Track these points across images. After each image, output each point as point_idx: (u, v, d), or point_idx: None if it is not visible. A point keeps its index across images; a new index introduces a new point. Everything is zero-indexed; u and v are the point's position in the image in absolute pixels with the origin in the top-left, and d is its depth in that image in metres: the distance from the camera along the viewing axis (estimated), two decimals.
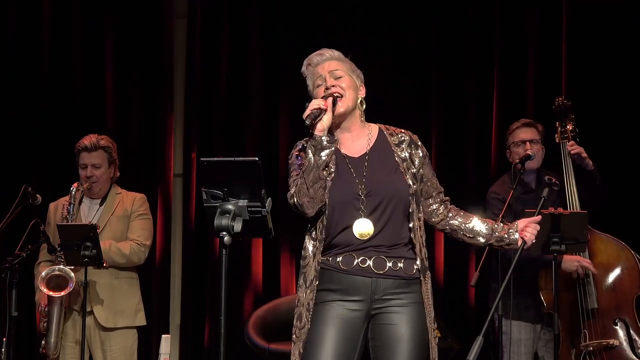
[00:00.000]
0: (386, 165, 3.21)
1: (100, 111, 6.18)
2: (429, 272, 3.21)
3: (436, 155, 5.97)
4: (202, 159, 2.73)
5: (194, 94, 6.29)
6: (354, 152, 3.23)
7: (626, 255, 4.57)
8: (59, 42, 6.20)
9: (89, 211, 4.77)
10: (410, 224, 3.17)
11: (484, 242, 3.30)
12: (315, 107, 3.09)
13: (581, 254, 4.50)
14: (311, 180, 3.07)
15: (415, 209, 3.18)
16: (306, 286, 3.16)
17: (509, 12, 6.07)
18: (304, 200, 3.09)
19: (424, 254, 3.20)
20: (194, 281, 6.19)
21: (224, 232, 2.67)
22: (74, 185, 4.66)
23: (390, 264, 3.14)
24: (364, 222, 3.12)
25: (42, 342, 4.58)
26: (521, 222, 3.32)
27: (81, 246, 4.34)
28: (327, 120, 3.11)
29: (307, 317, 3.14)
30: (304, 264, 3.20)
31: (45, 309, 4.57)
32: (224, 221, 2.67)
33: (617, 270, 4.57)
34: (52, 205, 4.83)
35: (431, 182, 3.29)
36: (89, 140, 4.74)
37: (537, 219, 3.35)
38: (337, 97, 3.17)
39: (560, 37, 5.97)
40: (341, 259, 3.15)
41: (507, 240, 3.28)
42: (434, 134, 6.08)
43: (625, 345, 4.48)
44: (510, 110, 5.82)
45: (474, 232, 3.29)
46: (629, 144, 5.75)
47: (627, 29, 5.80)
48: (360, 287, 3.13)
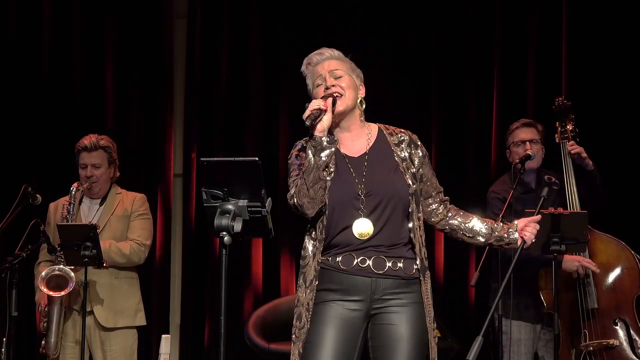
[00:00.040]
0: (386, 165, 3.21)
1: (100, 111, 6.17)
2: (428, 272, 3.21)
3: (436, 155, 5.97)
4: (202, 159, 2.72)
5: (194, 94, 6.29)
6: (354, 152, 3.23)
7: (626, 255, 4.57)
8: (59, 42, 6.20)
9: (89, 211, 4.77)
10: (409, 223, 3.17)
11: (484, 241, 3.29)
12: (315, 108, 3.09)
13: (581, 254, 4.51)
14: (311, 180, 3.07)
15: (414, 208, 3.18)
16: (306, 286, 3.16)
17: (509, 12, 6.06)
18: (304, 200, 3.09)
19: (423, 253, 3.20)
20: (194, 281, 6.19)
21: (224, 232, 2.66)
22: (74, 185, 4.66)
23: (389, 264, 3.14)
24: (364, 222, 3.12)
25: (42, 342, 4.57)
26: (521, 222, 3.31)
27: (81, 246, 4.33)
28: (327, 120, 3.11)
29: (307, 317, 3.14)
30: (303, 264, 3.19)
31: (45, 309, 4.57)
32: (224, 221, 2.67)
33: (617, 270, 4.57)
34: (52, 205, 4.84)
35: (431, 182, 3.29)
36: (88, 140, 4.74)
37: (537, 218, 3.35)
38: (336, 97, 3.17)
39: (560, 37, 5.97)
40: (341, 258, 3.15)
41: (506, 239, 3.28)
42: (434, 134, 6.08)
43: (625, 345, 4.48)
44: (510, 110, 5.82)
45: (474, 232, 3.29)
46: (629, 144, 5.75)
47: (627, 29, 5.80)
48: (359, 287, 3.13)
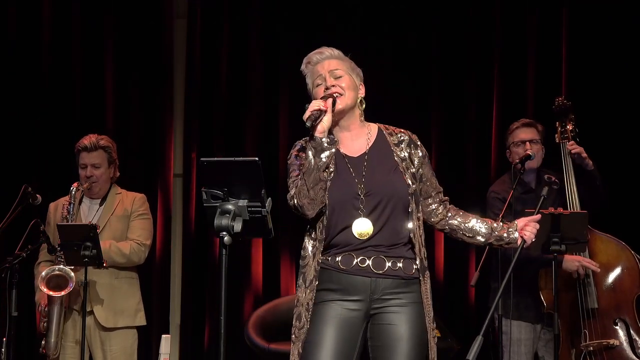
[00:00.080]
0: (385, 164, 3.21)
1: (100, 111, 6.17)
2: (428, 272, 3.21)
3: (436, 155, 5.97)
4: (202, 159, 2.72)
5: (194, 94, 6.29)
6: (353, 152, 3.23)
7: (626, 255, 4.57)
8: (59, 42, 6.20)
9: (89, 211, 4.77)
10: (409, 223, 3.16)
11: (484, 241, 3.29)
12: (315, 109, 3.08)
13: (581, 253, 4.51)
14: (312, 181, 3.07)
15: (414, 208, 3.18)
16: (305, 286, 3.16)
17: (509, 12, 6.06)
18: (305, 201, 3.09)
19: (423, 253, 3.19)
20: (194, 281, 6.19)
21: (224, 232, 2.66)
22: (74, 185, 4.66)
23: (389, 264, 3.14)
24: (363, 221, 3.12)
25: (42, 342, 4.57)
26: (520, 221, 3.31)
27: (81, 246, 4.34)
28: (327, 121, 3.10)
29: (307, 317, 3.13)
30: (303, 264, 3.19)
31: (45, 309, 4.57)
32: (224, 221, 2.67)
33: (617, 270, 4.57)
34: (52, 205, 4.84)
35: (430, 182, 3.29)
36: (88, 140, 4.74)
37: (537, 217, 3.35)
38: (336, 97, 3.17)
39: (560, 37, 5.97)
40: (340, 258, 3.15)
41: (506, 239, 3.27)
42: (434, 134, 6.08)
43: (625, 345, 4.48)
44: (510, 110, 5.82)
45: (474, 232, 3.28)
46: (629, 144, 5.75)
47: (627, 29, 5.80)
48: (359, 287, 3.13)
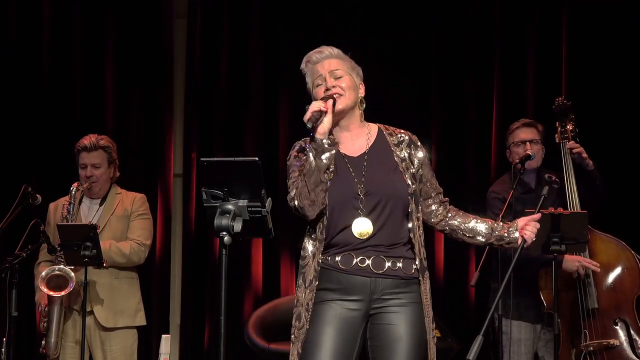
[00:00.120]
0: (385, 164, 3.21)
1: (100, 111, 6.17)
2: (427, 272, 3.21)
3: (436, 155, 5.97)
4: (202, 159, 2.72)
5: (194, 94, 6.29)
6: (353, 152, 3.23)
7: (626, 255, 4.57)
8: (59, 42, 6.20)
9: (88, 211, 4.77)
10: (409, 223, 3.17)
11: (484, 241, 3.29)
12: (315, 110, 3.08)
13: (581, 253, 4.50)
14: (312, 183, 3.06)
15: (414, 208, 3.18)
16: (305, 286, 3.16)
17: (509, 12, 6.06)
18: (305, 203, 3.08)
19: (422, 254, 3.19)
20: (194, 281, 6.19)
21: (224, 232, 2.66)
22: (74, 185, 4.66)
23: (389, 264, 3.14)
24: (363, 221, 3.12)
25: (42, 342, 4.57)
26: (521, 221, 3.31)
27: (81, 246, 4.34)
28: (327, 122, 3.10)
29: (306, 317, 3.13)
30: (303, 264, 3.19)
31: (45, 309, 4.57)
32: (224, 221, 2.67)
33: (618, 270, 4.57)
34: (52, 205, 4.84)
35: (430, 183, 3.28)
36: (88, 140, 4.74)
37: (537, 216, 3.34)
38: (336, 97, 3.16)
39: (560, 37, 5.97)
40: (340, 258, 3.14)
41: (507, 239, 3.27)
42: (434, 134, 6.08)
43: (625, 345, 4.48)
44: (510, 110, 5.82)
45: (474, 232, 3.28)
46: (629, 144, 5.75)
47: (627, 29, 5.80)
48: (359, 287, 3.13)
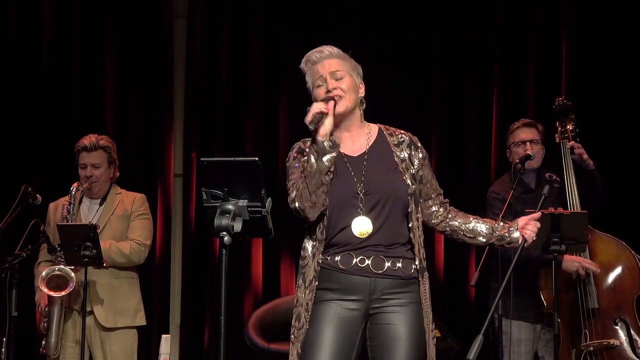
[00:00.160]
0: (385, 164, 3.20)
1: (100, 111, 6.17)
2: (426, 273, 3.21)
3: (436, 155, 5.97)
4: (202, 159, 2.72)
5: (194, 94, 6.29)
6: (353, 152, 3.23)
7: (627, 255, 4.57)
8: (59, 42, 6.19)
9: (88, 211, 4.77)
10: (409, 223, 3.17)
11: (485, 241, 3.29)
12: (316, 112, 3.07)
13: (581, 254, 4.50)
14: (314, 185, 3.06)
15: (414, 209, 3.17)
16: (305, 286, 3.16)
17: (509, 12, 6.06)
18: (306, 205, 3.08)
19: (422, 254, 3.19)
20: (194, 281, 6.19)
21: (224, 232, 2.66)
22: (74, 185, 4.66)
23: (388, 264, 3.14)
24: (363, 220, 3.12)
25: (43, 342, 4.57)
26: (521, 220, 3.31)
27: (81, 246, 4.33)
28: (328, 124, 3.09)
29: (306, 318, 3.13)
30: (303, 264, 3.19)
31: (45, 309, 4.57)
32: (224, 221, 2.67)
33: (618, 270, 4.57)
34: (52, 205, 4.84)
35: (431, 184, 3.28)
36: (88, 140, 4.74)
37: (537, 215, 3.34)
38: (337, 99, 3.15)
39: (560, 37, 5.97)
40: (339, 258, 3.14)
41: (507, 238, 3.27)
42: (434, 134, 6.07)
43: (625, 345, 4.47)
44: (510, 110, 5.82)
45: (475, 232, 3.28)
46: (629, 144, 5.75)
47: (627, 29, 5.80)
48: (358, 287, 3.13)
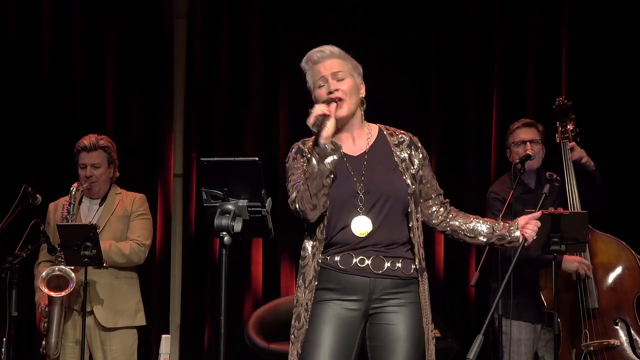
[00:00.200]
0: (385, 164, 3.20)
1: (100, 111, 6.17)
2: (426, 273, 3.21)
3: (436, 155, 5.96)
4: (202, 159, 2.71)
5: (194, 94, 6.29)
6: (353, 151, 3.23)
7: (627, 255, 4.57)
8: (59, 42, 6.19)
9: (88, 211, 4.77)
10: (409, 223, 3.17)
11: (485, 241, 3.29)
12: (319, 114, 3.06)
13: (582, 254, 4.50)
14: (315, 187, 3.05)
15: (414, 209, 3.17)
16: (305, 286, 3.15)
17: (509, 12, 6.06)
18: (307, 207, 3.07)
19: (421, 254, 3.19)
20: (194, 281, 6.18)
21: (224, 232, 2.65)
22: (74, 185, 4.66)
23: (388, 264, 3.14)
24: (363, 219, 3.12)
25: (43, 343, 4.57)
26: (522, 219, 3.31)
27: (81, 246, 4.33)
28: (330, 127, 3.07)
29: (306, 317, 3.13)
30: (302, 264, 3.19)
31: (45, 309, 4.57)
32: (224, 221, 2.66)
33: (618, 270, 4.57)
34: (51, 205, 4.83)
35: (431, 184, 3.28)
36: (88, 140, 4.74)
37: (538, 214, 3.34)
38: (338, 102, 3.15)
39: (560, 37, 5.97)
40: (339, 258, 3.14)
41: (508, 238, 3.27)
42: (434, 134, 6.07)
43: (626, 345, 4.47)
44: (510, 110, 5.82)
45: (475, 232, 3.28)
46: (629, 144, 5.75)
47: (627, 29, 5.80)
48: (358, 287, 3.13)
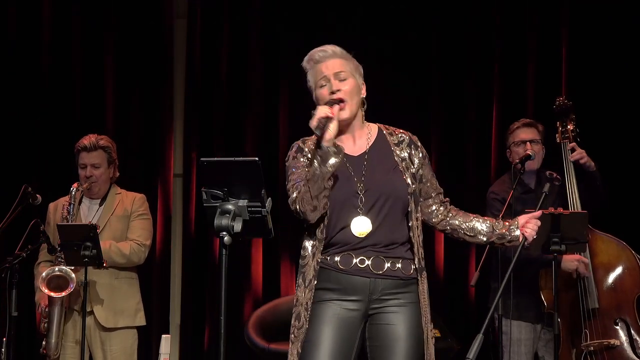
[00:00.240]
0: (385, 164, 3.20)
1: (100, 111, 6.17)
2: (425, 272, 3.21)
3: (436, 155, 5.96)
4: (202, 159, 2.71)
5: (194, 94, 6.29)
6: (353, 151, 3.23)
7: (627, 255, 4.57)
8: (59, 42, 6.19)
9: (88, 211, 4.77)
10: (409, 223, 3.17)
11: (485, 240, 3.29)
12: (322, 116, 3.05)
13: (582, 254, 4.50)
14: (316, 189, 3.05)
15: (413, 208, 3.17)
16: (305, 286, 3.15)
17: (509, 12, 6.06)
18: (307, 208, 3.07)
19: (421, 254, 3.19)
20: (194, 281, 6.18)
21: (224, 232, 2.65)
22: (74, 185, 4.66)
23: (388, 264, 3.14)
24: (362, 219, 3.12)
25: (43, 343, 4.57)
26: (521, 218, 3.31)
27: (81, 246, 4.33)
28: (333, 129, 3.07)
29: (306, 317, 3.13)
30: (302, 264, 3.19)
31: (45, 310, 4.57)
32: (224, 221, 2.66)
33: (618, 270, 4.57)
34: (51, 205, 4.83)
35: (431, 183, 3.28)
36: (88, 140, 4.74)
37: (538, 214, 3.34)
38: (340, 104, 3.15)
39: (560, 37, 5.97)
40: (339, 258, 3.14)
41: (508, 237, 3.27)
42: (434, 134, 6.07)
43: (626, 345, 4.47)
44: (510, 110, 5.82)
45: (475, 231, 3.28)
46: (629, 144, 5.75)
47: (627, 29, 5.80)
48: (358, 287, 3.13)
